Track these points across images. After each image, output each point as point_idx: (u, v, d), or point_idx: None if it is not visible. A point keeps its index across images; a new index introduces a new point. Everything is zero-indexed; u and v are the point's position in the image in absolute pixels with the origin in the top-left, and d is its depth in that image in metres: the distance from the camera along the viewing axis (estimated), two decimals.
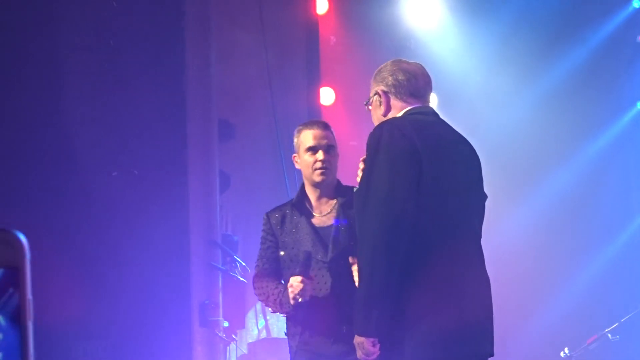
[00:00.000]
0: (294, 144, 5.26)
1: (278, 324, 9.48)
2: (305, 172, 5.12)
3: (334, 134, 5.23)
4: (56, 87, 7.78)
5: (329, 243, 4.98)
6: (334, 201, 5.09)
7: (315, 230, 5.03)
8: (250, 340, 9.06)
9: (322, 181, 5.07)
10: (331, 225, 4.96)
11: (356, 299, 4.07)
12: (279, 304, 4.95)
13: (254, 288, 5.21)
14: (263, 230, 5.27)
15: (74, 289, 7.57)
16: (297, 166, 5.23)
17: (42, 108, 7.70)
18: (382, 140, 3.95)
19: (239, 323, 8.75)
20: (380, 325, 3.98)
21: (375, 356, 4.09)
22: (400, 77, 4.21)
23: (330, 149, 5.08)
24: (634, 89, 12.12)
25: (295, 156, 5.24)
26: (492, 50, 11.40)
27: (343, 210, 4.95)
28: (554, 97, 11.60)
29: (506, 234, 10.93)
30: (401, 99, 4.19)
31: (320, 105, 10.37)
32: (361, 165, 4.20)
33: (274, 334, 9.35)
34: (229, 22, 9.26)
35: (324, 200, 5.10)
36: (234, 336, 8.68)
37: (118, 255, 7.84)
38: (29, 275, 1.32)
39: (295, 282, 4.82)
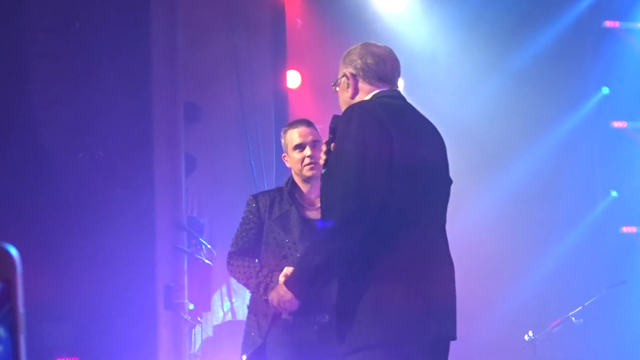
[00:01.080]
0: (282, 144, 5.38)
1: (244, 306, 9.51)
2: (295, 168, 5.24)
3: (317, 128, 5.37)
4: (21, 69, 7.77)
5: (315, 235, 5.06)
6: None
7: (306, 222, 5.13)
8: (215, 323, 9.07)
9: (312, 175, 5.20)
10: None
11: (308, 260, 4.14)
12: (264, 288, 4.99)
13: (230, 265, 5.25)
14: (247, 210, 5.28)
15: (39, 270, 7.57)
16: (288, 165, 5.34)
17: (7, 90, 7.69)
18: (352, 122, 3.96)
19: (204, 305, 8.76)
20: (314, 294, 4.23)
21: (286, 312, 4.39)
22: (369, 60, 4.21)
23: (316, 144, 5.20)
24: (599, 74, 12.21)
25: (284, 155, 5.36)
26: (459, 34, 11.44)
27: None
28: (520, 82, 11.66)
29: (471, 218, 10.99)
30: (369, 83, 4.20)
31: (286, 89, 10.37)
32: (324, 148, 4.22)
33: (240, 317, 9.36)
34: (195, 4, 9.25)
35: (315, 194, 5.18)
36: (199, 319, 8.70)
37: (83, 236, 7.83)
38: (21, 288, 1.33)
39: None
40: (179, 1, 8.84)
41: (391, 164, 3.94)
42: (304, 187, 5.28)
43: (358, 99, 4.21)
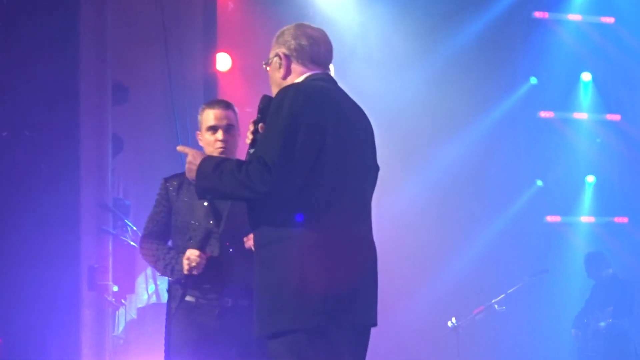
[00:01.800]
0: (198, 121, 5.35)
1: None
2: (206, 149, 5.19)
3: (236, 111, 5.32)
4: None
5: (223, 215, 5.09)
6: None
7: (211, 201, 5.09)
8: (139, 305, 9.07)
9: None
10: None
11: (228, 177, 4.03)
12: (170, 270, 5.08)
13: (141, 248, 5.30)
14: (158, 194, 5.31)
15: None
16: (200, 143, 5.31)
17: None
18: (285, 103, 3.95)
19: (128, 287, 8.73)
20: (203, 189, 4.11)
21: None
22: (303, 42, 4.20)
23: (230, 128, 5.19)
24: (527, 64, 12.38)
25: (198, 133, 5.33)
26: (390, 20, 11.51)
27: None
28: (449, 70, 11.76)
29: (397, 205, 11.08)
30: (302, 64, 4.18)
31: (216, 71, 10.37)
32: (251, 127, 4.20)
33: (164, 300, 9.31)
34: None
35: None
36: (123, 301, 8.67)
37: (5, 216, 7.78)
38: None
39: (193, 256, 4.97)
40: None
41: (321, 147, 3.95)
42: None
43: (290, 80, 4.21)
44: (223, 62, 10.42)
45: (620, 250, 12.04)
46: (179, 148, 4.50)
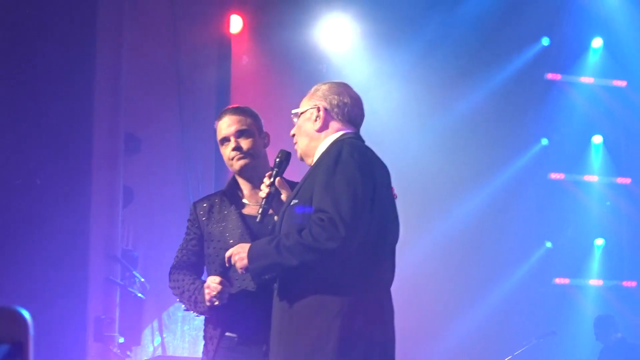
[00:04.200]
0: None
1: (174, 342, 9.53)
2: (227, 165, 4.78)
3: (253, 113, 4.89)
4: None
5: (260, 235, 4.45)
6: None
7: (245, 220, 4.63)
8: (144, 358, 9.05)
9: (242, 168, 4.68)
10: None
11: (281, 254, 3.93)
12: (194, 302, 4.57)
13: (170, 280, 4.77)
14: (188, 220, 4.81)
15: None
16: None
17: None
18: (343, 158, 3.97)
19: (134, 339, 8.71)
20: (261, 279, 4.00)
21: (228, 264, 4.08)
22: (346, 100, 4.25)
23: (241, 133, 4.71)
24: (539, 125, 12.45)
25: None
26: (403, 78, 11.59)
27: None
28: (462, 129, 11.83)
29: (410, 263, 11.05)
30: (340, 121, 4.22)
31: None
32: (267, 181, 4.25)
33: (170, 352, 9.36)
34: (141, 36, 9.28)
35: (257, 189, 4.62)
36: (128, 352, 8.65)
37: (15, 263, 7.80)
38: (32, 349, 1.35)
39: (212, 283, 4.42)
40: (124, 33, 8.86)
41: (372, 204, 3.97)
42: (244, 183, 4.76)
43: (324, 134, 4.23)
44: None
45: (628, 314, 12.03)
46: (227, 255, 4.21)
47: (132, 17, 9.03)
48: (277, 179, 4.21)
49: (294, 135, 4.34)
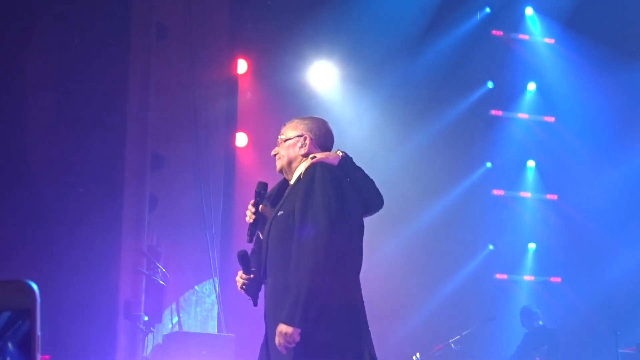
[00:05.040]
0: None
1: (188, 320, 9.53)
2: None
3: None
4: (21, 121, 7.82)
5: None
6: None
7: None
8: (164, 333, 9.04)
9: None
10: None
11: (296, 291, 3.87)
12: None
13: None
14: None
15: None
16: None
17: (13, 140, 7.74)
18: (319, 174, 4.05)
19: (156, 318, 8.69)
20: (313, 319, 3.87)
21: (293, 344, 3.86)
22: (324, 132, 4.38)
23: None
24: (485, 151, 12.50)
25: None
26: (374, 111, 11.64)
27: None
28: (423, 154, 11.85)
29: (377, 261, 11.08)
30: (318, 148, 4.31)
31: (235, 146, 10.47)
32: (252, 209, 4.24)
33: (185, 329, 9.36)
34: (165, 75, 9.31)
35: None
36: (152, 329, 8.65)
37: (61, 255, 7.82)
38: (39, 315, 1.36)
39: (237, 277, 4.30)
40: (152, 73, 8.91)
41: (343, 209, 4.04)
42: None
43: (304, 157, 4.30)
44: (241, 139, 10.53)
45: (554, 305, 12.05)
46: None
47: (158, 59, 9.08)
48: (260, 206, 4.22)
49: (276, 154, 4.38)
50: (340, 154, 4.27)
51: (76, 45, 8.10)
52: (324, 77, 11.38)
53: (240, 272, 4.26)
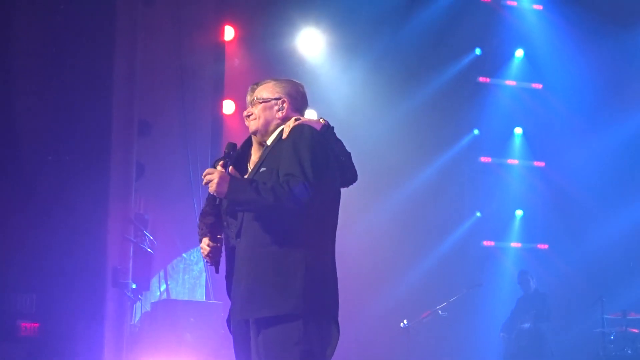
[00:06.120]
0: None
1: (176, 288, 9.54)
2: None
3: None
4: (7, 86, 7.75)
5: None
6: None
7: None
8: (152, 300, 9.05)
9: (251, 131, 4.32)
10: None
11: (261, 192, 3.84)
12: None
13: None
14: None
15: (11, 252, 7.54)
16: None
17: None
18: (306, 136, 3.99)
19: (144, 286, 8.70)
20: (239, 208, 3.91)
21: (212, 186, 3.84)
22: (301, 96, 4.30)
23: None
24: (472, 118, 12.49)
25: None
26: (362, 77, 11.58)
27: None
28: (410, 119, 11.83)
29: (363, 227, 11.10)
30: (295, 111, 4.24)
31: (222, 114, 10.41)
32: (220, 169, 4.05)
33: (173, 296, 9.37)
34: (152, 41, 9.24)
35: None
36: (139, 296, 8.66)
37: (48, 225, 7.79)
38: None
39: (202, 245, 4.22)
40: (138, 38, 8.83)
41: (328, 170, 4.01)
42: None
43: (281, 120, 4.22)
44: (228, 106, 10.47)
45: (541, 271, 12.12)
46: (204, 174, 4.00)
47: (144, 25, 9.00)
48: (230, 167, 4.09)
49: (249, 114, 4.26)
50: (323, 121, 4.22)
51: (61, 10, 8.00)
52: (312, 44, 11.31)
53: (205, 240, 4.18)
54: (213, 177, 3.93)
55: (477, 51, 12.40)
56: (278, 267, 3.92)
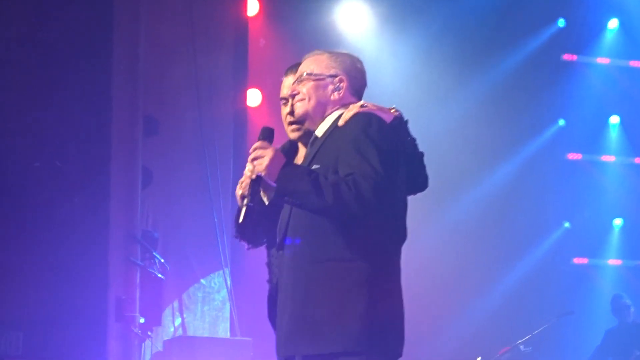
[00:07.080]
0: None
1: (194, 322, 9.57)
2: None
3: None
4: None
5: None
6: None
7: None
8: (165, 338, 9.08)
9: (296, 139, 4.39)
10: None
11: (320, 189, 3.69)
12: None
13: None
14: None
15: None
16: None
17: None
18: (374, 129, 3.84)
19: (155, 320, 8.75)
20: (287, 198, 3.73)
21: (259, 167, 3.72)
22: (361, 75, 4.14)
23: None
24: (556, 106, 12.43)
25: None
26: (417, 60, 11.57)
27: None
28: (477, 107, 11.82)
29: (428, 242, 11.08)
30: (352, 94, 4.10)
31: (246, 107, 10.44)
32: (250, 167, 3.89)
33: (190, 332, 9.40)
34: (158, 20, 9.31)
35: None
36: (149, 333, 8.70)
37: (36, 245, 7.85)
38: None
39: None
40: (142, 17, 8.88)
41: (398, 171, 3.90)
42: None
43: (337, 105, 4.10)
44: (253, 97, 10.50)
45: None
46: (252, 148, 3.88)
47: (148, 1, 9.05)
48: None
49: (296, 93, 4.12)
50: (395, 112, 4.06)
51: None
52: (354, 18, 11.34)
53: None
54: (266, 152, 3.78)
55: (561, 23, 12.34)
56: (335, 289, 3.79)
